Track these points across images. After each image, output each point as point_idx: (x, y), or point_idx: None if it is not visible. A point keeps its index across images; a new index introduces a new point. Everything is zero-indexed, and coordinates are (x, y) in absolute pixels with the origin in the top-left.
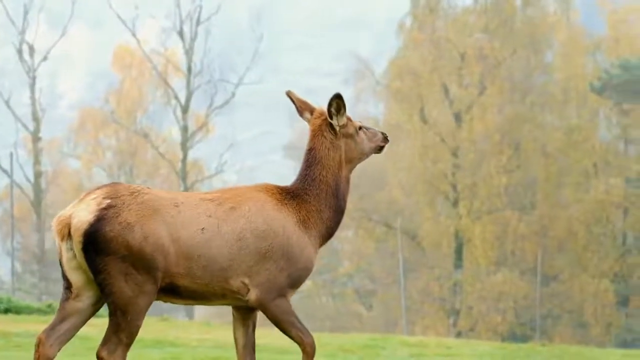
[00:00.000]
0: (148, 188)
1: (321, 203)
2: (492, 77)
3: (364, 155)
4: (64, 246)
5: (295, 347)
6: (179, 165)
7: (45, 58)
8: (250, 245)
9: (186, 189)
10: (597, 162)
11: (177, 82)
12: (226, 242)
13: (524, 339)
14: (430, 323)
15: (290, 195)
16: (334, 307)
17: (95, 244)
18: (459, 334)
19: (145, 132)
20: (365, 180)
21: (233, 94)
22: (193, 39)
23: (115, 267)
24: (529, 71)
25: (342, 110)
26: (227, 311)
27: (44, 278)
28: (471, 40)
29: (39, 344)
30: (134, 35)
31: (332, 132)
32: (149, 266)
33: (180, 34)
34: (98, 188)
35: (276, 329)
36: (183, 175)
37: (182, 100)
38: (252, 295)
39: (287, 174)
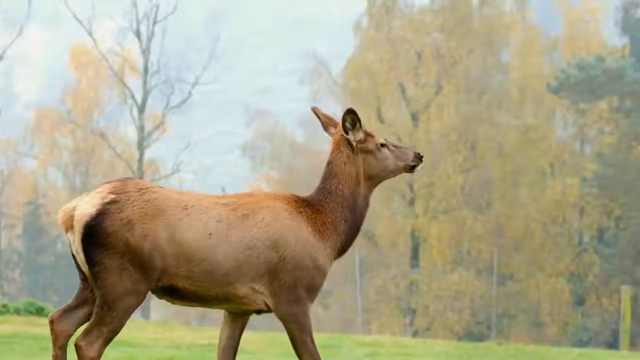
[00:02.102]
0: (159, 187)
1: (337, 216)
2: (448, 76)
3: (389, 173)
4: (71, 238)
5: (248, 347)
6: (136, 164)
7: (1, 58)
8: (260, 255)
9: None
10: (554, 161)
11: (134, 82)
12: (234, 250)
13: (480, 338)
14: (387, 322)
15: (307, 205)
16: None
17: (95, 237)
18: (415, 333)
19: (102, 132)
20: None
21: (190, 94)
22: (150, 39)
23: (112, 261)
24: (486, 71)
25: (357, 125)
26: (183, 312)
27: None
28: (428, 39)
29: (52, 322)
30: (90, 35)
31: (349, 147)
32: (145, 265)
33: (137, 33)
34: (108, 182)
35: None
36: (140, 175)
37: (139, 99)
38: (269, 304)
39: (242, 174)
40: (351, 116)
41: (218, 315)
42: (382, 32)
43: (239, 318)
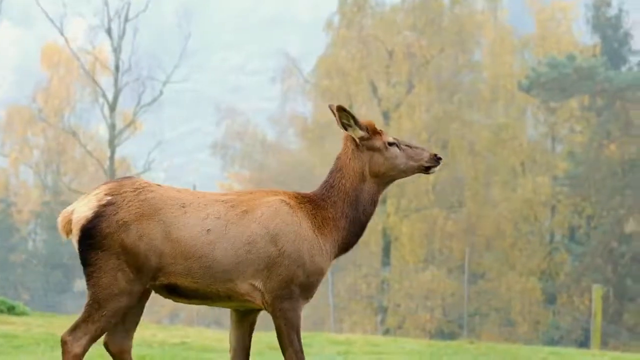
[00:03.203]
0: (157, 185)
1: (337, 211)
2: (420, 75)
3: (400, 173)
4: (73, 241)
5: (220, 345)
6: (107, 163)
7: None
8: (260, 250)
9: None
10: (525, 160)
11: (105, 80)
12: (232, 245)
13: (452, 336)
14: (358, 321)
15: (307, 201)
16: None
17: (92, 239)
18: (386, 332)
19: (73, 130)
20: (293, 178)
21: (161, 92)
22: (121, 37)
23: (108, 262)
24: (457, 69)
25: (352, 121)
26: (154, 310)
27: None
28: (399, 38)
29: (108, 348)
30: (61, 33)
31: (355, 143)
32: (141, 266)
33: (108, 32)
34: (105, 183)
35: (200, 328)
36: (111, 173)
37: (110, 98)
38: (265, 300)
39: (213, 172)
40: (340, 113)
41: (189, 313)
42: (353, 31)
43: (245, 319)
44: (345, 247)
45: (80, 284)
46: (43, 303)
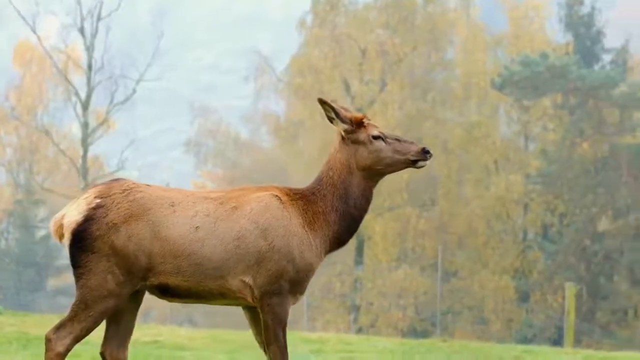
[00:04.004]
0: (146, 185)
1: (327, 205)
2: (393, 73)
3: (386, 166)
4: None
5: (192, 344)
6: (80, 161)
7: None
8: (250, 245)
9: (87, 186)
10: (498, 158)
11: (78, 79)
12: (221, 241)
13: (425, 335)
14: (331, 319)
15: (298, 197)
16: None
17: (82, 242)
18: (359, 330)
19: (46, 129)
20: (266, 176)
21: (134, 91)
22: (94, 36)
23: (99, 264)
24: (430, 67)
25: (333, 114)
26: None
27: None
28: (372, 36)
29: (104, 357)
30: (34, 31)
31: (340, 136)
32: (131, 267)
33: (81, 30)
34: (95, 185)
35: (173, 326)
36: (84, 172)
37: (83, 96)
38: (254, 295)
39: (187, 170)
40: (322, 106)
41: (162, 312)
42: (326, 29)
43: (257, 314)
44: (337, 242)
45: (53, 282)
46: (15, 302)
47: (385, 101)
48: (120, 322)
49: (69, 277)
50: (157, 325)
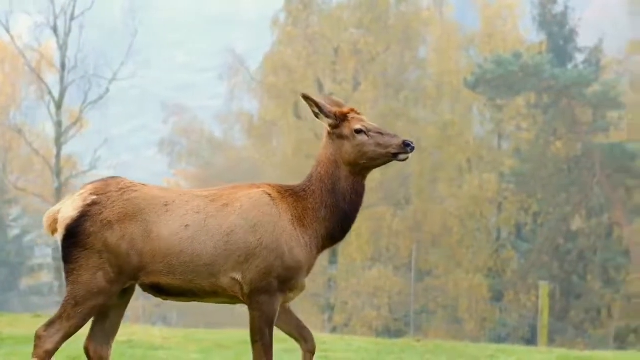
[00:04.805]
0: (142, 184)
1: (317, 200)
2: (366, 72)
3: (370, 160)
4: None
5: (165, 343)
6: (53, 160)
7: None
8: (239, 240)
9: (60, 185)
10: (471, 157)
11: (51, 78)
12: (211, 238)
13: (399, 334)
14: (305, 318)
15: (289, 194)
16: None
17: (76, 238)
18: (333, 330)
19: (19, 128)
20: (238, 175)
21: (107, 90)
22: (67, 34)
23: (90, 261)
24: (403, 66)
25: (317, 109)
26: None
27: None
28: (345, 35)
29: (87, 352)
30: (7, 30)
31: (327, 131)
32: (123, 265)
33: (54, 29)
34: (91, 183)
35: (147, 325)
36: (57, 171)
37: (56, 95)
38: (243, 292)
39: (160, 169)
40: (306, 102)
41: (135, 311)
42: (299, 28)
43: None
44: (331, 238)
45: (26, 282)
46: None
47: (358, 100)
48: (106, 320)
49: (42, 277)
50: (131, 324)
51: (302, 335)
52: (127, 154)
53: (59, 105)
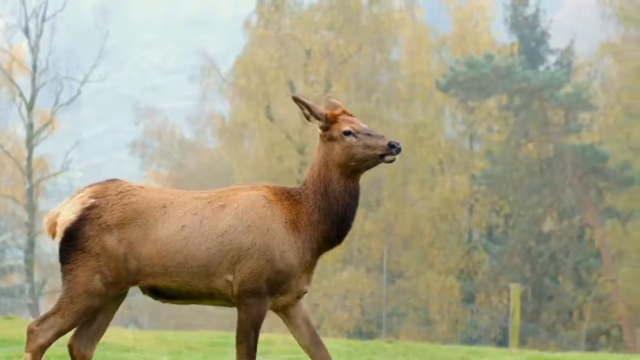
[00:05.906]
0: (141, 187)
1: (310, 203)
2: (337, 74)
3: (359, 162)
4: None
5: (137, 345)
6: (25, 162)
7: None
8: (233, 241)
9: (31, 187)
10: (443, 159)
11: (23, 79)
12: (206, 239)
13: (370, 336)
14: (278, 320)
15: (286, 197)
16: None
17: (74, 241)
18: None
19: None
20: (210, 177)
21: (79, 92)
22: (38, 36)
23: (88, 263)
24: (375, 68)
25: (307, 111)
26: None
27: None
28: (317, 37)
29: (71, 351)
30: None
31: (319, 134)
32: (121, 269)
33: (26, 31)
34: (90, 185)
35: (119, 327)
36: (29, 173)
37: (28, 97)
38: (233, 293)
39: (132, 171)
40: (296, 104)
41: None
42: (271, 30)
43: (293, 314)
44: (327, 241)
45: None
46: None
47: None
48: (94, 321)
49: (14, 279)
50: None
51: (318, 354)
52: (98, 156)
53: (30, 107)
